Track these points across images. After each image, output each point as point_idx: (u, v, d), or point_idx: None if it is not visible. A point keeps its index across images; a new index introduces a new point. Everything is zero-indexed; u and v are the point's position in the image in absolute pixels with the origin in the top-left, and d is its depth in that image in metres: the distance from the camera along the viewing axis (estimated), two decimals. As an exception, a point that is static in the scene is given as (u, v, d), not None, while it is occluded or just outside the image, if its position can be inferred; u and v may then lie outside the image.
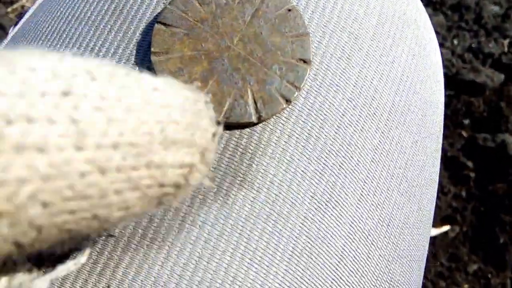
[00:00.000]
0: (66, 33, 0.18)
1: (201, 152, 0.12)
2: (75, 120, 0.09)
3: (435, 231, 0.62)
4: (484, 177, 0.65)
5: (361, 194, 0.17)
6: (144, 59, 0.17)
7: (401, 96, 0.19)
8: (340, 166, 0.17)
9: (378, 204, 0.17)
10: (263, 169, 0.16)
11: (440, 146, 0.23)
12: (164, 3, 0.18)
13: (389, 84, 0.18)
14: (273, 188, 0.16)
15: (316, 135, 0.16)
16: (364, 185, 0.17)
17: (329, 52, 0.17)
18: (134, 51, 0.17)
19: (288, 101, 0.16)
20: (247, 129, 0.16)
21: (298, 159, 0.16)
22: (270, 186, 0.16)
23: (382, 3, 0.19)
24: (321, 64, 0.17)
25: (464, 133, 0.69)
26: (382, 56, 0.19)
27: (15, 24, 0.24)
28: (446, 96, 0.70)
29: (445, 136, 0.69)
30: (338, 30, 0.18)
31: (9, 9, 0.78)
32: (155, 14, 0.17)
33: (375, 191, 0.17)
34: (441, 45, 0.74)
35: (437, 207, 0.64)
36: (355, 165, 0.17)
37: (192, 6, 0.17)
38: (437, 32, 0.76)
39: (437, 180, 0.23)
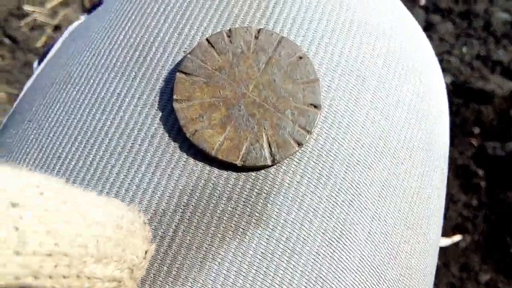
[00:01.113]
0: (93, 79, 0.19)
1: (130, 268, 0.13)
2: (17, 228, 0.10)
3: (446, 241, 0.62)
4: (495, 186, 0.65)
5: (370, 230, 0.18)
6: (167, 105, 0.18)
7: (406, 134, 0.19)
8: (349, 203, 0.17)
9: (386, 238, 0.18)
10: (278, 208, 0.17)
11: (445, 176, 0.23)
12: (184, 51, 0.19)
13: (395, 123, 0.19)
14: (287, 226, 0.17)
15: (326, 175, 0.17)
16: (372, 221, 0.18)
17: (338, 96, 0.18)
18: (158, 98, 0.18)
19: (300, 144, 0.17)
20: (263, 171, 0.17)
21: (310, 198, 0.17)
22: (284, 225, 0.17)
23: (388, 44, 0.20)
24: (331, 107, 0.18)
25: (474, 142, 0.68)
26: (388, 96, 0.19)
27: (40, 60, 0.25)
28: (455, 104, 0.69)
29: (455, 145, 0.68)
30: (346, 73, 0.19)
31: (22, 23, 0.79)
32: (176, 62, 0.18)
33: (383, 226, 0.18)
34: (449, 53, 0.74)
35: (448, 216, 0.64)
36: (364, 202, 0.18)
37: (210, 55, 0.18)
38: (445, 40, 0.76)
39: (443, 210, 0.23)
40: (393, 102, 0.19)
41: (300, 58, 0.18)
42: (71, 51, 0.21)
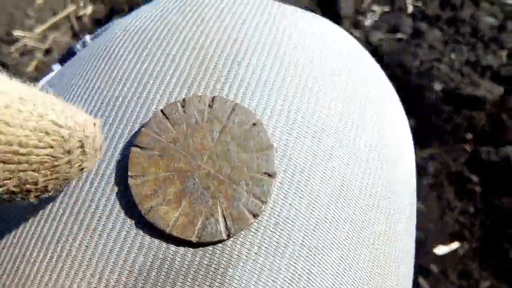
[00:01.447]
0: None
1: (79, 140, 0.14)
2: None
3: (444, 249, 0.62)
4: (490, 191, 0.65)
5: None
6: (122, 180, 0.17)
7: (367, 185, 0.19)
8: (309, 271, 0.17)
9: None
10: (236, 282, 0.16)
11: (413, 213, 0.23)
12: (141, 121, 0.18)
13: (354, 177, 0.19)
14: None
15: (284, 243, 0.17)
16: (334, 283, 0.18)
17: (294, 158, 0.18)
18: (114, 172, 0.18)
19: (255, 215, 0.17)
20: (220, 244, 0.17)
21: (269, 269, 0.17)
22: None
23: (343, 100, 0.20)
24: (286, 172, 0.18)
25: (468, 148, 0.68)
26: (345, 153, 0.19)
27: None
28: (446, 111, 0.69)
29: (448, 151, 0.69)
30: (302, 134, 0.18)
31: (12, 48, 0.79)
32: (133, 132, 0.18)
33: (346, 285, 0.18)
34: (438, 60, 0.75)
35: (445, 223, 0.64)
36: (324, 265, 0.17)
37: (165, 127, 0.18)
38: (434, 47, 0.77)
39: (413, 246, 0.23)
40: (351, 157, 0.19)
41: (254, 125, 0.18)
42: None
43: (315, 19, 0.23)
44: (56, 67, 0.29)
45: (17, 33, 0.80)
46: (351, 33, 0.82)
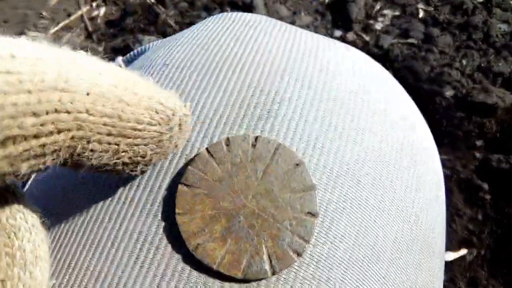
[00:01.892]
0: (100, 186, 0.19)
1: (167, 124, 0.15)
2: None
3: (452, 255, 0.62)
4: (500, 199, 0.65)
5: None
6: (169, 216, 0.18)
7: (403, 227, 0.20)
8: None
9: None
10: None
11: (443, 255, 0.23)
12: (185, 158, 0.19)
13: (391, 221, 0.19)
14: None
15: (325, 280, 0.17)
16: None
17: (334, 198, 0.18)
18: (161, 208, 0.18)
19: (299, 254, 0.17)
20: (263, 281, 0.17)
21: None
22: None
23: (380, 139, 0.20)
24: (327, 211, 0.18)
25: (478, 155, 0.68)
26: (384, 194, 0.19)
27: None
28: (457, 117, 0.69)
29: (458, 158, 0.69)
30: (342, 174, 0.19)
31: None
32: (178, 169, 0.19)
33: None
34: (449, 65, 0.74)
35: (454, 230, 0.64)
36: None
37: (210, 165, 0.18)
38: (445, 53, 0.76)
39: (441, 285, 0.24)
40: (388, 199, 0.19)
41: (297, 165, 0.18)
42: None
43: (351, 52, 0.24)
44: None
45: (31, 33, 0.81)
46: (362, 37, 0.82)
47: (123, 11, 0.84)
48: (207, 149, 0.19)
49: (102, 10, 0.84)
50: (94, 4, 0.84)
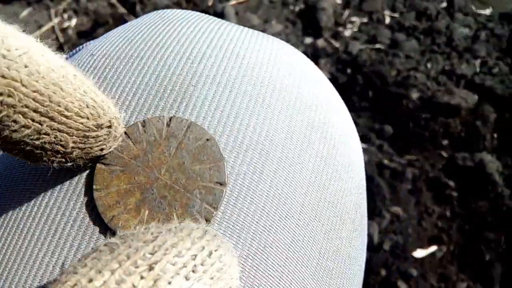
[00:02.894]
0: (25, 166, 0.20)
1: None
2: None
3: (423, 252, 0.64)
4: (467, 196, 0.67)
5: None
6: (88, 192, 0.20)
7: (311, 196, 0.21)
8: (256, 268, 0.19)
9: None
10: None
11: (360, 225, 0.25)
12: None
13: (298, 189, 0.21)
14: None
15: (234, 243, 0.19)
16: (279, 280, 0.19)
17: (242, 170, 0.20)
18: (80, 185, 0.20)
19: (207, 220, 0.19)
20: None
21: None
22: None
23: (290, 116, 0.22)
24: (236, 181, 0.20)
25: (444, 154, 0.70)
26: (291, 165, 0.21)
27: None
28: (423, 118, 0.71)
29: (426, 157, 0.71)
30: (251, 149, 0.20)
31: None
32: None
33: (291, 283, 0.20)
34: (415, 69, 0.77)
35: (423, 228, 0.65)
36: (271, 265, 0.19)
37: (127, 145, 0.20)
38: (410, 57, 0.79)
39: (361, 255, 0.25)
40: (296, 169, 0.21)
41: (207, 140, 0.20)
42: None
43: (270, 41, 0.25)
44: None
45: (1, 45, 0.81)
46: (331, 44, 0.85)
47: (95, 21, 0.84)
48: (124, 132, 0.20)
49: (74, 21, 0.84)
50: (65, 15, 0.85)
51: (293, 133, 0.22)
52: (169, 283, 0.11)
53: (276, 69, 0.23)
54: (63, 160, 0.16)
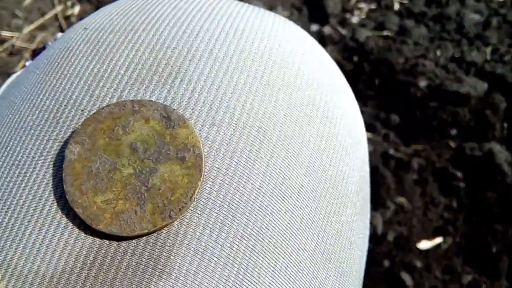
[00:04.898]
0: (12, 141, 0.20)
1: None
2: None
3: (428, 244, 0.62)
4: (474, 187, 0.65)
5: (273, 271, 0.18)
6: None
7: (310, 178, 0.20)
8: (252, 248, 0.18)
9: (290, 277, 0.19)
10: (180, 259, 0.17)
11: (362, 209, 0.24)
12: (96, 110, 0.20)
13: (297, 169, 0.20)
14: (189, 276, 0.17)
15: (228, 223, 0.18)
16: (276, 262, 0.18)
17: (239, 148, 0.19)
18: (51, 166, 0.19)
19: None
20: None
21: (212, 247, 0.18)
22: (187, 274, 0.17)
23: (290, 94, 0.21)
24: (232, 159, 0.19)
25: (452, 143, 0.69)
26: (290, 144, 0.20)
27: None
28: (431, 107, 0.70)
29: (433, 147, 0.69)
30: (248, 126, 0.19)
31: (0, 49, 0.80)
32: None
33: (287, 267, 0.19)
34: (424, 56, 0.75)
35: (429, 219, 0.64)
36: (267, 246, 0.18)
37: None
38: (419, 44, 0.77)
39: (363, 240, 0.24)
40: (295, 149, 0.20)
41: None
42: (0, 111, 0.22)
43: (272, 17, 0.24)
44: (29, 63, 0.29)
45: (5, 33, 0.81)
46: (338, 31, 0.83)
47: (97, 9, 0.83)
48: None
49: (77, 8, 0.84)
50: (68, 3, 0.84)
51: (293, 111, 0.21)
52: None
53: (276, 44, 0.22)
54: None
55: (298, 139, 0.20)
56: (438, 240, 0.63)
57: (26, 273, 0.17)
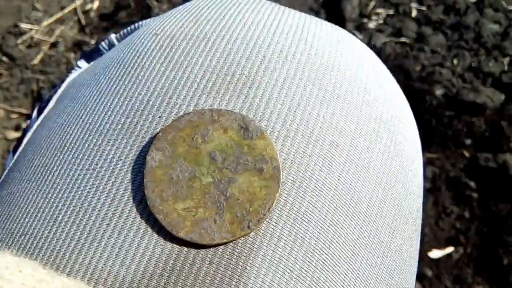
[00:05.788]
0: (88, 144, 0.20)
1: None
2: None
3: (439, 253, 0.62)
4: (487, 198, 0.65)
5: (343, 285, 0.19)
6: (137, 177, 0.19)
7: (377, 194, 0.20)
8: (323, 262, 0.18)
9: None
10: (256, 270, 0.17)
11: (418, 226, 0.24)
12: (173, 120, 0.20)
13: (366, 185, 0.20)
14: (264, 287, 0.17)
15: (301, 237, 0.18)
16: (345, 277, 0.19)
17: (312, 162, 0.19)
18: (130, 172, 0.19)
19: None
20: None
21: (286, 259, 0.18)
22: (262, 285, 0.17)
23: (360, 108, 0.21)
24: (305, 173, 0.19)
25: (466, 153, 0.69)
26: (360, 159, 0.20)
27: (39, 110, 0.26)
28: (447, 116, 0.70)
29: (447, 156, 0.69)
30: (321, 139, 0.19)
31: (19, 41, 0.80)
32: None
33: (355, 281, 0.19)
34: (441, 65, 0.75)
35: (440, 228, 0.64)
36: (337, 260, 0.19)
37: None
38: (437, 52, 0.77)
39: (417, 255, 0.24)
40: (364, 164, 0.20)
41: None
42: (68, 111, 0.22)
43: (336, 30, 0.24)
44: (82, 64, 0.29)
45: (24, 25, 0.81)
46: (355, 36, 0.83)
47: (117, 4, 0.84)
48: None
49: (96, 3, 0.84)
50: (88, -3, 0.85)
51: (363, 125, 0.21)
52: None
53: (344, 58, 0.22)
54: None
55: (367, 154, 0.20)
56: (450, 249, 0.63)
57: (106, 277, 0.17)
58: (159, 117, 0.19)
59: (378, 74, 0.24)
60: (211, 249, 0.17)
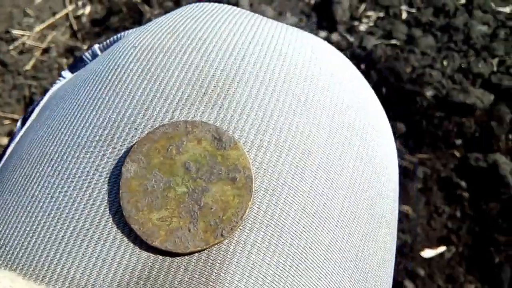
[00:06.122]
0: (66, 156, 0.20)
1: None
2: None
3: (431, 252, 0.63)
4: (478, 197, 0.66)
5: None
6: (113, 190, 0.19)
7: (350, 199, 0.21)
8: (296, 267, 0.19)
9: None
10: (230, 276, 0.18)
11: (393, 228, 0.25)
12: (148, 131, 0.20)
13: (338, 191, 0.20)
14: None
15: (275, 243, 0.19)
16: (318, 281, 0.19)
17: (285, 170, 0.20)
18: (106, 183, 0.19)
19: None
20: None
21: (260, 265, 0.18)
22: None
23: (332, 117, 0.21)
24: (278, 181, 0.19)
25: (457, 153, 0.70)
26: (332, 166, 0.21)
27: (23, 119, 0.26)
28: (437, 117, 0.70)
29: (438, 157, 0.70)
30: (294, 148, 0.20)
31: (11, 47, 0.80)
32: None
33: (328, 286, 0.20)
34: (431, 66, 0.76)
35: (432, 228, 0.65)
36: (310, 265, 0.19)
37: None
38: (426, 54, 0.78)
39: (393, 257, 0.25)
40: (337, 171, 0.21)
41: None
42: (48, 123, 0.22)
43: (313, 40, 0.25)
44: (66, 74, 0.30)
45: (16, 31, 0.81)
46: (346, 38, 0.83)
47: (108, 10, 0.84)
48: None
49: (88, 9, 0.85)
50: (79, 2, 0.85)
51: (335, 134, 0.21)
52: None
53: (318, 68, 0.23)
54: None
55: (339, 161, 0.21)
56: (442, 249, 0.63)
57: (83, 286, 0.17)
58: (135, 129, 0.20)
59: (353, 83, 0.24)
60: (186, 257, 0.18)
